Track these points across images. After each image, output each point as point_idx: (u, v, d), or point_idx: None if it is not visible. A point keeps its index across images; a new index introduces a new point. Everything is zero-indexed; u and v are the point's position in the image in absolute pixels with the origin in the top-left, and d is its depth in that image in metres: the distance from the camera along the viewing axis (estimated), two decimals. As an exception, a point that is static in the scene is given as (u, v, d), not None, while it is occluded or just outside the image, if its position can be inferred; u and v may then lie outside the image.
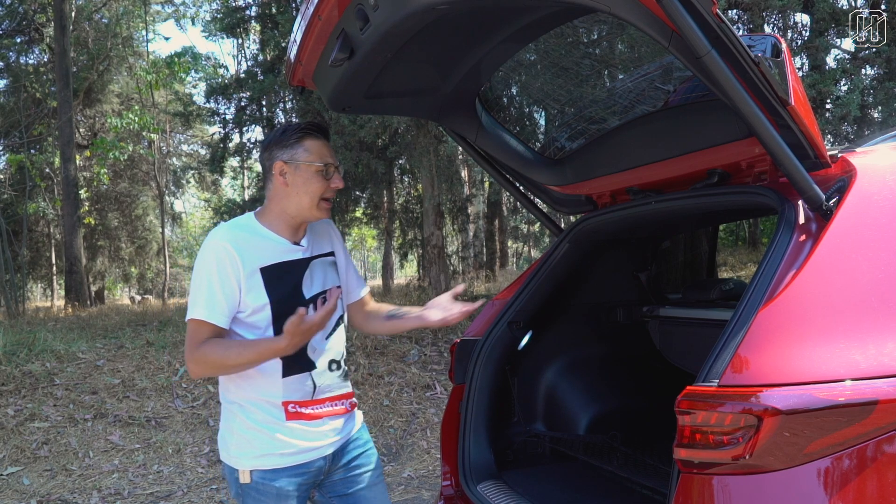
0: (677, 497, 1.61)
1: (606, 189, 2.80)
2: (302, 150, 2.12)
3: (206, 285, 2.05)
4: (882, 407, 1.48)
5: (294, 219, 2.17)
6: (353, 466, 2.29)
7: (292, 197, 2.13)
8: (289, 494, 2.14)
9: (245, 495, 2.16)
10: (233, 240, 2.08)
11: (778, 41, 1.79)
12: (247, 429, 2.13)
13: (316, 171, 2.12)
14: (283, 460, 2.13)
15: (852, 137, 7.97)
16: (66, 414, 6.20)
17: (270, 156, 2.14)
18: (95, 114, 20.67)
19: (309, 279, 2.18)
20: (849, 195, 1.76)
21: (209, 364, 2.05)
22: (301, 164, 2.11)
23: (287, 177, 2.12)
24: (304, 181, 2.11)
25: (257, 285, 2.07)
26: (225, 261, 2.05)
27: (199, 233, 36.20)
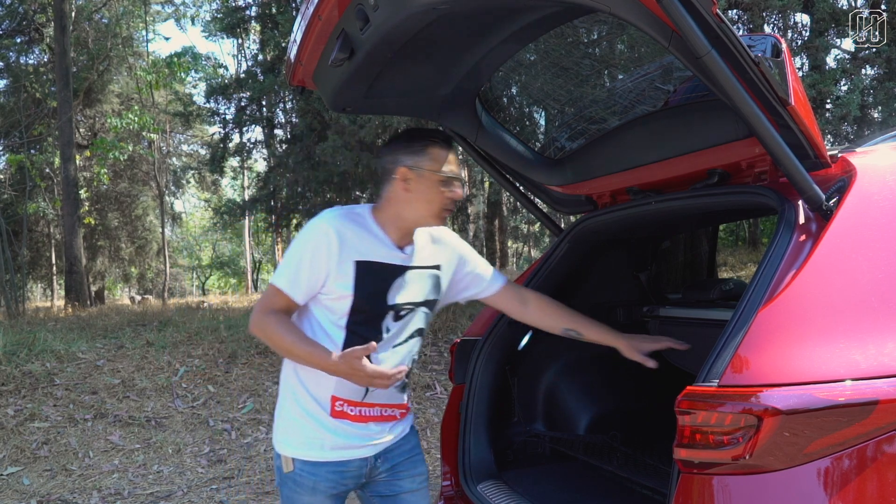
0: (677, 497, 1.61)
1: (606, 189, 2.80)
2: (427, 158, 2.10)
3: (297, 261, 2.08)
4: (882, 407, 1.48)
5: (407, 224, 2.16)
6: (398, 470, 2.29)
7: (412, 203, 2.12)
8: (325, 491, 2.16)
9: (283, 484, 2.20)
10: (339, 227, 2.08)
11: (778, 41, 1.79)
12: (295, 416, 2.16)
13: (439, 181, 2.10)
14: (322, 454, 2.14)
15: (852, 137, 7.97)
16: (66, 414, 6.20)
17: (394, 159, 2.13)
18: (95, 114, 20.67)
19: (399, 286, 2.16)
20: (849, 195, 1.76)
21: (266, 335, 2.10)
22: (425, 172, 2.10)
23: (409, 183, 2.11)
24: (425, 189, 2.10)
25: (347, 275, 2.08)
26: (322, 245, 2.06)
27: (199, 233, 36.26)
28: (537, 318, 2.45)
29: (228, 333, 8.54)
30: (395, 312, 2.15)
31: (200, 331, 8.68)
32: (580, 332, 2.40)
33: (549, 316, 2.44)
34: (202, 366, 7.45)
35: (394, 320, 2.15)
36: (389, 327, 2.15)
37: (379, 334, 2.13)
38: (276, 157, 13.73)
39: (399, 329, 2.17)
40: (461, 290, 2.40)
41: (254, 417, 6.45)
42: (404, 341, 2.19)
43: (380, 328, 2.13)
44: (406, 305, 2.17)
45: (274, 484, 5.11)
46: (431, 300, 2.26)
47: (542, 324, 2.46)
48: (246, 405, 6.68)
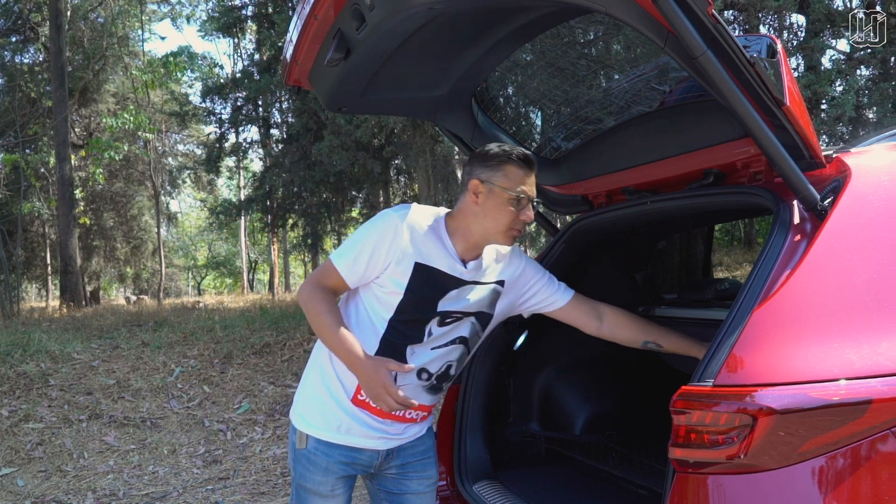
0: (672, 496, 1.62)
1: (602, 189, 2.80)
2: (501, 174, 2.08)
3: (360, 247, 2.08)
4: (876, 406, 1.49)
5: (474, 238, 2.14)
6: (408, 470, 2.29)
7: (479, 218, 2.11)
8: (336, 472, 2.17)
9: (296, 461, 2.21)
10: (410, 224, 2.08)
11: (773, 41, 1.80)
12: (318, 393, 2.17)
13: (508, 199, 2.07)
14: (339, 437, 2.15)
15: (847, 138, 8.00)
16: (61, 415, 6.19)
17: (470, 171, 2.12)
18: (91, 113, 20.64)
19: (454, 297, 2.14)
20: (843, 195, 1.76)
21: (308, 309, 2.11)
22: (496, 188, 2.08)
23: (480, 197, 2.09)
24: (494, 206, 2.08)
25: (404, 273, 2.07)
26: (388, 236, 2.06)
27: (195, 233, 36.22)
28: (615, 332, 2.38)
29: (224, 334, 8.54)
30: (442, 318, 2.14)
31: (196, 331, 8.68)
32: (660, 345, 2.34)
33: (627, 329, 2.37)
34: (197, 366, 7.44)
35: (438, 325, 2.14)
36: (433, 331, 2.14)
37: (421, 336, 2.12)
38: (272, 156, 13.72)
39: (442, 334, 2.16)
40: (524, 304, 2.36)
41: (249, 418, 6.44)
42: (444, 346, 2.17)
43: (423, 330, 2.12)
44: (455, 314, 2.16)
45: (270, 484, 5.11)
46: (484, 313, 2.23)
47: (621, 338, 2.39)
48: (241, 405, 6.68)
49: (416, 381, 2.15)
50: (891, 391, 1.51)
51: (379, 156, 11.37)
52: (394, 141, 11.14)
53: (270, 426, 6.28)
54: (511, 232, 2.12)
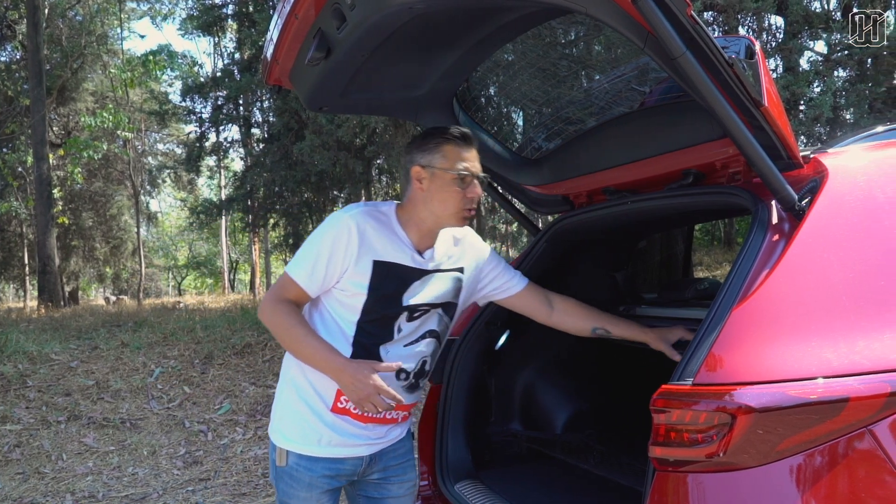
0: (653, 495, 1.63)
1: (583, 189, 2.81)
2: (440, 156, 2.06)
3: (316, 254, 2.05)
4: (853, 404, 1.50)
5: (426, 224, 2.12)
6: (389, 474, 2.27)
7: (427, 203, 2.09)
8: (320, 486, 2.13)
9: (279, 479, 2.17)
10: (361, 223, 2.05)
11: (751, 43, 1.81)
12: (295, 407, 2.13)
13: (451, 180, 2.06)
14: (320, 449, 2.12)
15: (825, 138, 8.07)
16: (39, 416, 6.13)
17: (410, 158, 2.10)
18: (69, 112, 20.44)
19: (417, 288, 2.13)
20: (821, 196, 1.78)
21: (273, 324, 2.09)
22: (437, 171, 2.06)
23: (423, 182, 2.08)
24: (438, 188, 2.06)
25: (364, 273, 2.05)
26: (342, 240, 2.03)
27: (175, 233, 35.98)
28: (564, 320, 2.41)
29: (205, 334, 8.49)
30: (410, 313, 2.12)
31: (176, 331, 8.62)
32: (609, 331, 2.37)
33: (576, 317, 2.40)
34: (178, 367, 7.39)
35: (407, 321, 2.13)
36: (402, 327, 2.12)
37: (391, 333, 2.11)
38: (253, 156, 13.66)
39: (412, 330, 2.15)
40: (481, 290, 2.37)
41: (230, 418, 6.41)
42: (415, 341, 2.16)
43: (392, 327, 2.11)
44: (421, 307, 2.14)
45: (251, 485, 5.08)
46: (449, 303, 2.22)
47: (570, 326, 2.42)
48: (222, 406, 6.64)
49: (395, 382, 2.13)
50: (867, 389, 1.52)
51: (361, 155, 11.34)
52: (375, 140, 11.12)
53: (251, 426, 6.25)
54: (462, 213, 2.09)
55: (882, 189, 1.85)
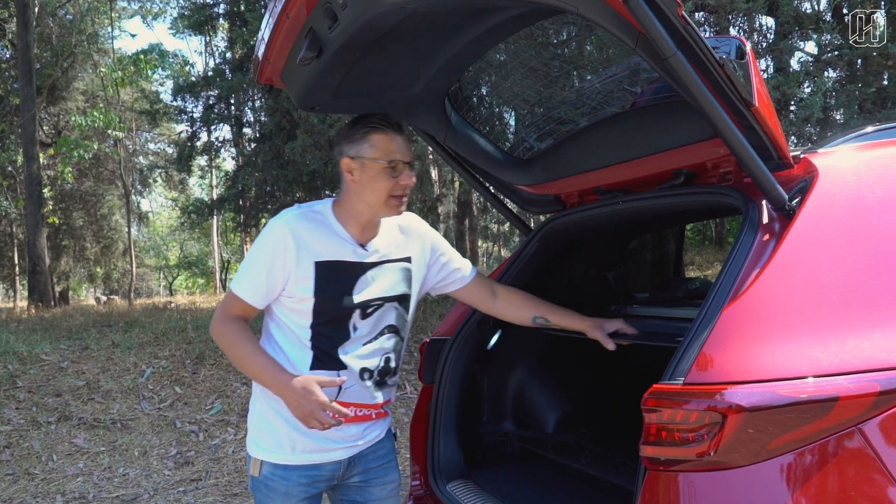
0: (644, 494, 1.63)
1: (575, 189, 2.82)
2: (367, 145, 2.05)
3: (256, 266, 2.05)
4: (842, 403, 1.51)
5: (364, 216, 2.11)
6: (370, 476, 2.24)
7: (360, 194, 2.08)
8: (297, 495, 2.11)
9: (255, 489, 2.15)
10: (296, 228, 2.04)
11: (742, 43, 1.82)
12: (267, 416, 2.12)
13: (382, 169, 2.04)
14: (294, 457, 2.10)
15: (815, 139, 8.10)
16: (29, 417, 6.10)
17: (339, 150, 2.10)
18: (59, 111, 20.34)
19: (366, 283, 2.11)
20: (811, 195, 1.79)
21: (222, 342, 2.09)
22: (366, 161, 2.05)
23: (354, 174, 2.07)
24: (370, 179, 2.05)
25: (307, 278, 2.04)
26: (279, 248, 2.02)
27: (167, 232, 35.87)
28: (507, 310, 2.43)
29: (196, 334, 8.46)
30: (362, 310, 2.10)
31: (167, 331, 8.59)
32: (548, 319, 2.39)
33: (517, 307, 2.42)
34: (169, 367, 7.37)
35: (361, 318, 2.11)
36: (357, 325, 2.10)
37: (346, 333, 2.09)
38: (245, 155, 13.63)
39: (368, 327, 2.13)
40: (431, 281, 2.36)
41: (222, 419, 6.39)
42: (374, 339, 2.14)
43: (346, 327, 2.09)
44: (373, 302, 2.12)
45: (243, 486, 5.08)
46: (402, 294, 2.20)
47: (512, 315, 2.44)
48: (214, 406, 6.62)
49: (360, 383, 2.12)
50: (857, 388, 1.53)
51: (352, 155, 11.29)
52: (367, 140, 11.09)
53: (243, 427, 6.24)
54: (393, 201, 2.08)
55: (871, 189, 1.86)
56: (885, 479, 1.54)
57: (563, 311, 2.42)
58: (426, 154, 11.32)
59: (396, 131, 2.10)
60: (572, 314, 2.41)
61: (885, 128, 2.27)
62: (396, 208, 2.11)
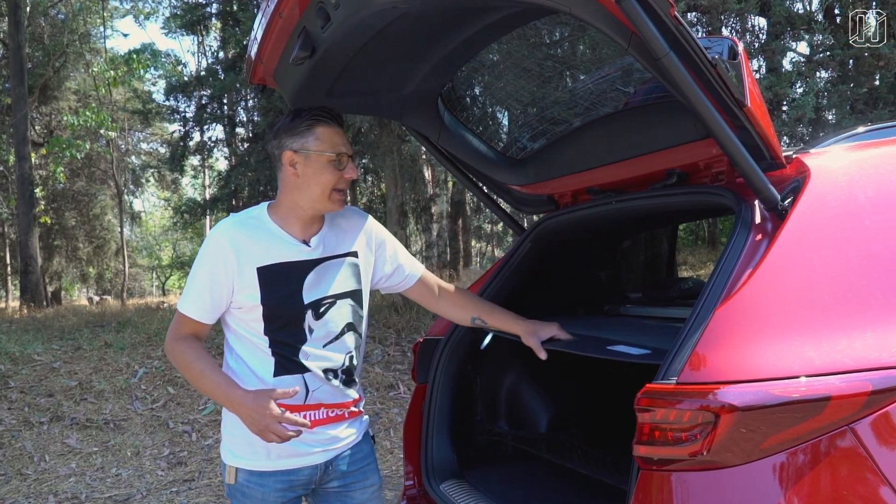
0: (637, 493, 1.63)
1: (568, 189, 2.82)
2: (313, 138, 2.02)
3: (198, 282, 2.03)
4: (835, 403, 1.51)
5: (305, 212, 2.08)
6: (350, 481, 2.20)
7: (303, 189, 2.04)
8: (273, 500, 2.08)
9: (232, 496, 2.12)
10: (233, 237, 2.01)
11: (734, 43, 1.82)
12: (238, 423, 2.02)
13: (328, 162, 2.02)
14: (269, 463, 2.07)
15: (807, 139, 8.13)
16: (21, 417, 6.07)
17: (280, 144, 2.05)
18: (51, 111, 20.27)
19: (314, 282, 2.08)
20: (803, 195, 1.79)
21: (176, 363, 2.07)
22: (312, 154, 2.02)
23: (298, 167, 2.03)
24: (314, 172, 2.02)
25: (251, 284, 2.00)
26: (218, 260, 2.00)
27: (159, 232, 35.77)
28: (449, 309, 2.42)
29: (189, 334, 8.42)
30: (314, 310, 2.07)
31: (160, 332, 8.56)
32: (486, 321, 2.37)
33: (459, 307, 2.40)
34: (162, 367, 7.35)
35: (315, 318, 2.07)
36: (312, 327, 2.07)
37: (302, 336, 2.06)
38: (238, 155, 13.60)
39: (324, 327, 2.09)
40: (381, 278, 2.32)
41: (214, 419, 6.38)
42: (335, 339, 2.11)
43: (302, 329, 2.06)
44: (324, 300, 2.09)
45: (235, 486, 5.06)
46: (353, 290, 2.17)
47: (453, 315, 2.43)
48: (206, 406, 6.60)
49: (327, 384, 2.10)
50: (849, 388, 1.53)
51: (346, 155, 11.29)
52: (360, 140, 11.10)
53: (236, 427, 6.22)
54: (336, 195, 2.07)
55: (863, 189, 1.87)
56: (877, 479, 1.54)
57: (503, 313, 2.40)
58: (419, 154, 11.31)
59: (339, 124, 2.09)
60: (510, 317, 2.38)
61: (876, 128, 2.28)
62: (339, 202, 2.09)
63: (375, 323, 8.96)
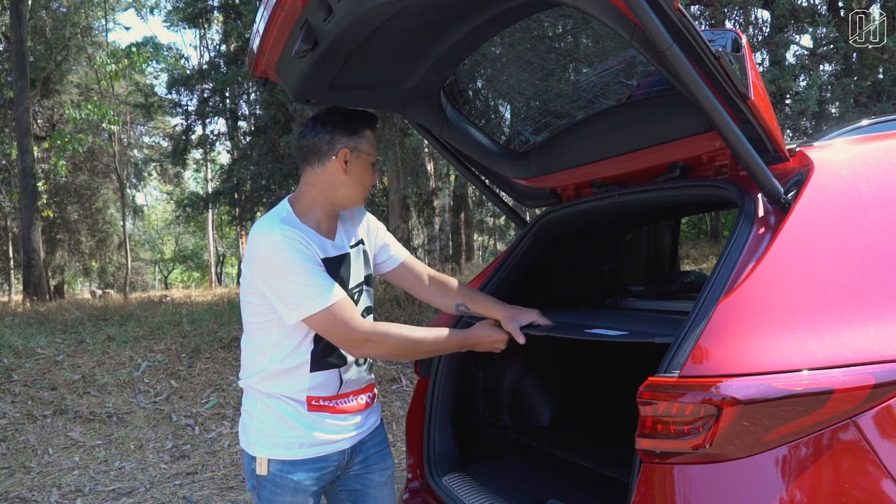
0: (639, 487, 1.63)
1: (570, 182, 2.82)
2: (366, 140, 2.13)
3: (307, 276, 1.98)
4: (837, 396, 1.51)
5: (335, 207, 2.16)
6: (370, 463, 2.29)
7: (347, 186, 2.12)
8: (306, 489, 2.11)
9: (261, 487, 2.13)
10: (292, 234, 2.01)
11: (738, 36, 1.81)
12: (268, 416, 2.11)
13: (371, 164, 2.15)
14: (301, 452, 2.10)
15: (810, 132, 8.11)
16: (25, 410, 6.09)
17: (332, 139, 2.09)
18: (53, 104, 20.27)
19: (347, 273, 2.16)
20: (806, 189, 1.79)
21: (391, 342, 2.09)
22: (363, 155, 2.12)
23: (349, 164, 2.10)
24: (361, 172, 2.13)
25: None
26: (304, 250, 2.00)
27: (162, 226, 35.81)
28: (435, 296, 2.45)
29: (191, 328, 8.45)
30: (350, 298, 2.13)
31: (163, 325, 8.58)
32: (468, 307, 2.41)
33: (443, 294, 2.44)
34: (165, 360, 7.36)
35: None
36: None
37: None
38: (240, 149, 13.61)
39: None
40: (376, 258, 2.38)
41: (218, 412, 6.39)
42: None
43: None
44: (355, 289, 2.18)
45: (239, 479, 5.07)
46: (368, 275, 2.28)
47: (438, 302, 2.46)
48: (210, 400, 6.62)
49: (357, 369, 2.19)
50: (852, 381, 1.53)
51: (348, 148, 11.28)
52: (363, 133, 11.08)
53: (239, 420, 6.24)
54: (366, 193, 2.20)
55: (867, 182, 1.86)
56: (879, 472, 1.54)
57: (484, 298, 2.43)
58: (422, 147, 11.31)
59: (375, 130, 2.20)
60: (491, 302, 2.40)
61: (880, 121, 2.27)
62: (364, 201, 2.23)
63: (378, 316, 8.97)
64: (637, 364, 2.62)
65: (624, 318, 2.82)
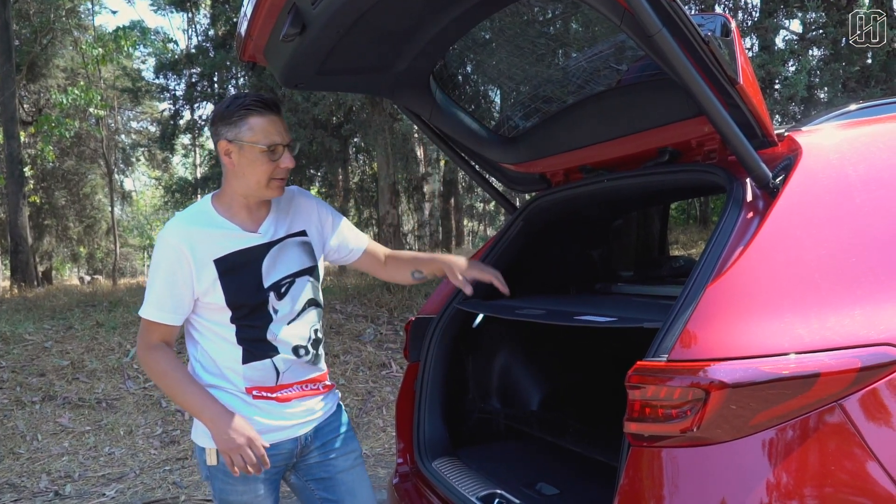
0: (627, 470, 1.64)
1: (560, 167, 2.82)
2: (246, 128, 1.98)
3: (158, 287, 2.02)
4: (823, 379, 1.52)
5: (247, 199, 2.08)
6: (329, 450, 2.23)
7: (240, 178, 2.04)
8: (257, 478, 2.08)
9: (213, 478, 2.11)
10: (184, 235, 2.00)
11: (727, 21, 1.81)
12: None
13: (261, 153, 1.99)
14: None
15: (799, 117, 8.13)
16: (13, 397, 6.07)
17: (216, 132, 2.03)
18: (40, 89, 20.05)
19: (271, 264, 2.09)
20: (794, 174, 1.79)
21: (150, 372, 2.08)
22: (245, 145, 1.99)
23: (232, 157, 2.01)
24: (249, 162, 2.00)
25: (212, 278, 2.01)
26: (173, 260, 1.99)
27: (150, 212, 35.61)
28: (392, 272, 2.44)
29: (181, 313, 8.41)
30: (276, 291, 2.09)
31: (152, 311, 8.53)
32: (422, 271, 2.39)
33: (398, 268, 2.43)
34: (154, 346, 7.34)
35: (278, 299, 2.10)
36: (276, 308, 2.09)
37: (268, 317, 2.08)
38: (229, 134, 13.48)
39: (288, 305, 2.12)
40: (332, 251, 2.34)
41: (207, 398, 6.38)
42: (298, 315, 2.14)
43: (266, 311, 2.08)
44: (283, 281, 2.11)
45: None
46: (309, 267, 2.20)
47: (398, 276, 2.45)
48: (199, 386, 6.61)
49: (297, 361, 2.13)
50: (838, 364, 1.55)
51: (337, 134, 11.28)
52: (352, 119, 11.06)
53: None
54: (274, 183, 2.06)
55: (854, 167, 1.87)
56: (864, 454, 1.56)
57: (432, 259, 2.41)
58: (411, 133, 11.28)
59: (275, 112, 2.04)
60: (438, 261, 2.39)
61: (868, 106, 2.28)
62: (278, 189, 2.09)
63: (367, 302, 8.97)
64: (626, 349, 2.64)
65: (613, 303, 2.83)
